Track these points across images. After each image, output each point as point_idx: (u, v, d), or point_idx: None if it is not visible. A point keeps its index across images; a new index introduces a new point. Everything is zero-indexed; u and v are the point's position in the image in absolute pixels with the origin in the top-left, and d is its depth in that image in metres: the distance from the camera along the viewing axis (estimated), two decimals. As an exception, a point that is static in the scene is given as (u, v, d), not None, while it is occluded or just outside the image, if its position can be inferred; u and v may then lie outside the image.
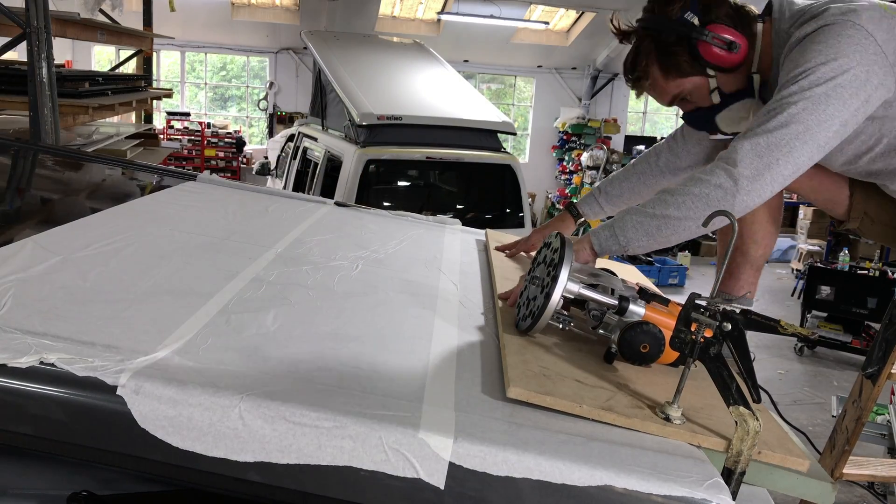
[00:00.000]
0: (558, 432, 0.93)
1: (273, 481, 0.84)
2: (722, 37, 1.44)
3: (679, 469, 0.89)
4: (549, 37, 12.80)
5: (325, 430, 0.84)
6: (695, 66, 1.49)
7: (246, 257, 1.45)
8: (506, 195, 5.27)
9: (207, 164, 12.14)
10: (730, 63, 1.47)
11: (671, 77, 1.52)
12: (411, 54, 6.59)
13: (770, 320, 1.00)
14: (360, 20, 10.44)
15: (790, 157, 1.29)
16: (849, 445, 2.22)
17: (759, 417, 0.95)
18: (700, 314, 0.99)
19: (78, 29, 4.25)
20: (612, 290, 1.21)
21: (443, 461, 0.83)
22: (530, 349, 1.15)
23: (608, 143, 12.87)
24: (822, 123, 1.28)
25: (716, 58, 1.46)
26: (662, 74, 1.52)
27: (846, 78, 1.27)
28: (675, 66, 1.50)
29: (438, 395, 0.97)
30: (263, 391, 0.88)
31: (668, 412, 1.00)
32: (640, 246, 1.39)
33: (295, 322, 1.15)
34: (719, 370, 0.99)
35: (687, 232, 1.35)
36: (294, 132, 6.89)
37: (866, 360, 2.20)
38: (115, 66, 6.98)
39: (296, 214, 1.95)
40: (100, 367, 0.87)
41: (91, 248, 1.35)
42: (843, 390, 4.75)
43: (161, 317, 1.08)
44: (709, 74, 1.50)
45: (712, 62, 1.47)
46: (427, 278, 1.53)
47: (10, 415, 0.86)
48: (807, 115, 1.28)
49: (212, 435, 0.84)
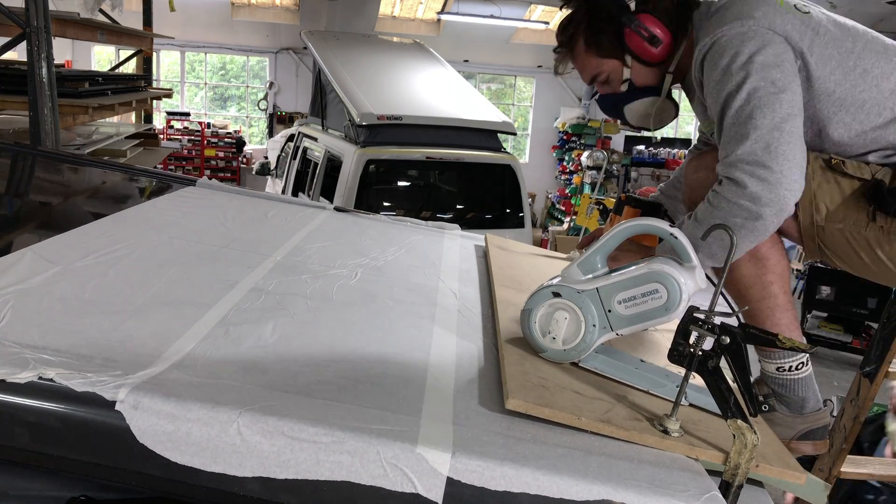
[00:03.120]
0: (556, 446, 0.93)
1: (272, 496, 0.84)
2: (647, 28, 1.45)
3: (677, 482, 0.89)
4: (550, 37, 12.78)
5: (323, 445, 0.84)
6: (616, 49, 1.50)
7: (245, 266, 1.45)
8: (506, 195, 5.27)
9: (207, 165, 12.15)
10: (648, 56, 1.48)
11: (591, 54, 1.53)
12: (411, 54, 6.59)
13: (768, 334, 1.00)
14: (360, 20, 10.43)
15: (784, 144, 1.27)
16: (846, 444, 2.23)
17: (758, 431, 0.95)
18: (698, 327, 1.00)
19: (78, 29, 4.25)
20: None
21: (441, 476, 0.83)
22: (529, 360, 1.16)
23: (608, 144, 12.87)
24: (788, 119, 1.28)
25: (636, 47, 1.47)
26: (585, 48, 1.54)
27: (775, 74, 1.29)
28: (597, 43, 1.51)
29: (436, 409, 0.97)
30: (262, 406, 0.88)
31: (666, 425, 1.00)
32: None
33: (293, 334, 1.15)
34: (717, 383, 0.99)
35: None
36: (294, 132, 6.89)
37: (864, 358, 2.21)
38: (115, 66, 6.98)
39: (295, 221, 1.95)
40: (98, 383, 0.87)
41: (90, 257, 1.35)
42: (843, 390, 4.75)
43: (160, 329, 1.08)
44: (626, 63, 1.51)
45: (633, 51, 1.48)
46: (426, 287, 1.54)
47: (9, 430, 0.87)
48: (772, 122, 1.27)
49: (210, 450, 0.84)
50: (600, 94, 1.63)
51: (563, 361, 1.17)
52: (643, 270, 1.12)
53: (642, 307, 1.13)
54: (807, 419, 1.48)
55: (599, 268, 1.20)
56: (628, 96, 1.56)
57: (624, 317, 1.14)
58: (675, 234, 1.14)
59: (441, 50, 7.12)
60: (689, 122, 14.07)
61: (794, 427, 1.48)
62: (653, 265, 1.12)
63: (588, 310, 1.15)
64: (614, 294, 1.14)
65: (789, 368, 1.45)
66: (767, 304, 1.46)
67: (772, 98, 1.28)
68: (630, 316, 1.14)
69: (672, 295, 1.10)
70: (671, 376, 1.19)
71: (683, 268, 1.13)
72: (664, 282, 1.11)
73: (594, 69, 1.55)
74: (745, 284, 1.45)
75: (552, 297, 1.18)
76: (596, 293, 1.15)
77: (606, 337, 1.16)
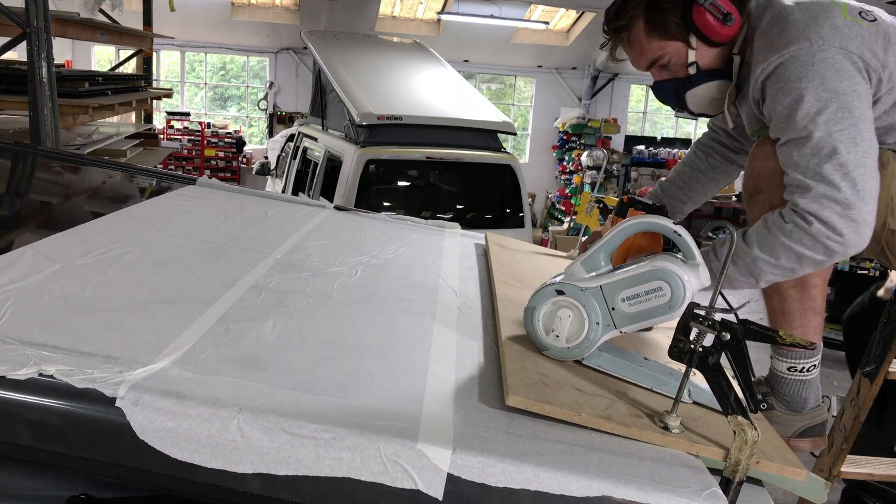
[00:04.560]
0: (557, 442, 0.93)
1: (272, 493, 0.84)
2: (720, 5, 1.37)
3: (677, 479, 0.89)
4: (549, 37, 12.79)
5: (323, 442, 0.84)
6: (681, 30, 1.41)
7: (245, 264, 1.45)
8: (506, 195, 5.27)
9: (207, 165, 12.15)
10: (720, 36, 1.40)
11: (654, 36, 1.43)
12: (411, 54, 6.59)
13: (769, 330, 1.00)
14: (360, 20, 10.44)
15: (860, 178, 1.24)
16: (846, 443, 2.23)
17: (758, 427, 0.95)
18: (699, 323, 0.99)
19: (78, 29, 4.26)
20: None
21: (441, 472, 0.83)
22: (530, 357, 1.15)
23: (608, 144, 12.87)
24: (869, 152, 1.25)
25: (707, 27, 1.38)
26: (646, 31, 1.43)
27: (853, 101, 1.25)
28: (662, 24, 1.41)
29: (437, 406, 0.97)
30: (262, 402, 0.88)
31: (666, 421, 1.00)
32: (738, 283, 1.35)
33: (293, 331, 1.15)
34: (718, 380, 0.99)
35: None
36: (294, 132, 6.89)
37: (864, 358, 2.21)
38: (115, 66, 6.98)
39: (295, 219, 1.95)
40: (99, 379, 0.87)
41: (90, 255, 1.35)
42: (843, 390, 4.75)
43: (160, 326, 1.08)
44: (691, 45, 1.42)
45: (702, 31, 1.39)
46: (426, 284, 1.54)
47: (10, 426, 0.87)
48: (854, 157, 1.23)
49: (210, 446, 0.84)
50: (656, 81, 1.53)
51: (567, 359, 1.17)
52: (647, 268, 1.12)
53: (646, 305, 1.13)
54: (805, 417, 1.47)
55: (603, 265, 1.20)
56: (693, 81, 1.46)
57: (627, 314, 1.14)
58: (679, 231, 1.14)
59: (441, 50, 7.13)
60: (689, 121, 14.06)
61: (793, 425, 1.47)
62: (656, 263, 1.12)
63: (591, 307, 1.15)
64: (618, 292, 1.14)
65: (801, 370, 1.44)
66: (803, 305, 1.44)
67: (852, 130, 1.24)
68: (634, 314, 1.14)
69: (676, 292, 1.10)
70: (675, 374, 1.19)
71: (687, 265, 1.12)
72: (668, 279, 1.11)
73: (655, 53, 1.45)
74: (789, 283, 1.41)
75: (555, 294, 1.18)
76: (599, 291, 1.15)
77: (610, 335, 1.16)
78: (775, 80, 1.31)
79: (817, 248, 1.25)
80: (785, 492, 1.09)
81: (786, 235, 1.27)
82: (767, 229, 1.29)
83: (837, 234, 1.24)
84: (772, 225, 1.29)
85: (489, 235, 2.00)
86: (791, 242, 1.26)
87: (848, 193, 1.23)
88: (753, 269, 1.31)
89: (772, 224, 1.29)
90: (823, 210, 1.24)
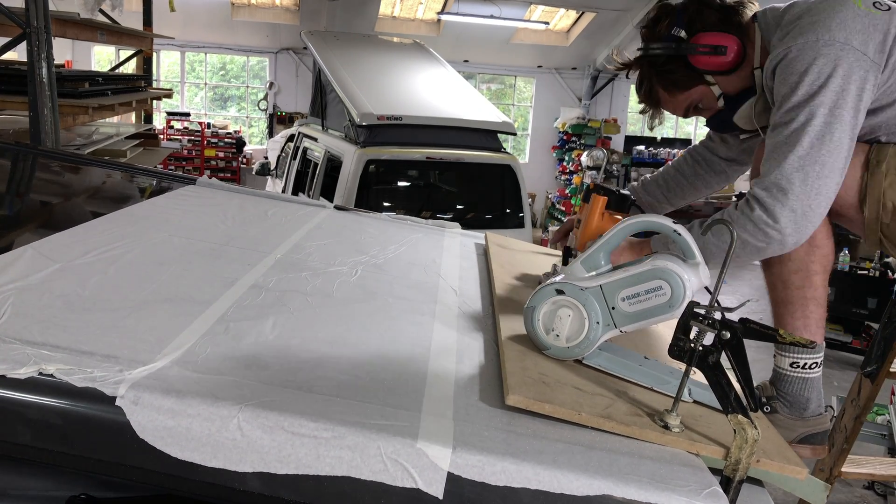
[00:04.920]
0: (557, 441, 0.93)
1: (272, 492, 0.84)
2: (706, 44, 1.44)
3: (677, 478, 0.89)
4: (549, 37, 12.79)
5: (323, 441, 0.84)
6: (693, 77, 1.50)
7: (245, 263, 1.45)
8: (506, 195, 5.27)
9: (207, 165, 12.14)
10: (725, 66, 1.47)
11: (675, 93, 1.53)
12: (411, 54, 6.59)
13: (769, 329, 1.00)
14: (360, 20, 10.44)
15: (821, 183, 1.28)
16: (847, 444, 2.23)
17: (758, 426, 0.95)
18: (699, 322, 0.99)
19: (78, 29, 4.26)
20: None
21: (441, 471, 0.83)
22: (530, 356, 1.15)
23: (608, 144, 12.87)
24: (834, 151, 1.28)
25: (709, 65, 1.46)
26: (667, 93, 1.54)
27: (837, 100, 1.28)
28: (673, 83, 1.52)
29: (437, 404, 0.97)
30: (262, 401, 0.88)
31: (666, 420, 1.00)
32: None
33: (293, 330, 1.15)
34: (718, 378, 0.99)
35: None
36: (294, 132, 6.89)
37: (865, 358, 2.21)
38: (115, 66, 6.99)
39: (295, 219, 1.95)
40: (99, 378, 0.87)
41: (90, 255, 1.35)
42: (844, 390, 4.75)
43: (160, 325, 1.08)
44: (709, 82, 1.50)
45: (708, 70, 1.47)
46: (426, 284, 1.54)
47: (9, 425, 0.87)
48: (815, 152, 1.27)
49: (210, 445, 0.84)
50: (707, 120, 1.62)
51: (567, 359, 1.17)
52: (647, 267, 1.12)
53: (646, 304, 1.13)
54: (808, 423, 1.48)
55: (603, 265, 1.20)
56: (732, 107, 1.53)
57: (628, 314, 1.14)
58: (679, 230, 1.14)
59: (441, 50, 7.12)
60: (689, 121, 14.07)
61: (795, 430, 1.47)
62: (657, 262, 1.12)
63: (591, 307, 1.15)
64: (618, 291, 1.14)
65: (803, 366, 1.46)
66: (804, 294, 1.46)
67: (827, 128, 1.28)
68: (634, 313, 1.14)
69: (676, 292, 1.10)
70: (675, 373, 1.19)
71: (687, 264, 1.12)
72: (668, 279, 1.11)
73: (684, 103, 1.55)
74: (791, 269, 1.45)
75: (555, 294, 1.18)
76: (599, 290, 1.15)
77: (610, 334, 1.16)
78: (780, 70, 1.35)
79: (757, 234, 1.30)
80: (785, 492, 1.09)
81: (732, 219, 1.32)
82: (721, 215, 1.34)
83: (775, 222, 1.28)
84: (724, 213, 1.36)
85: (489, 235, 2.00)
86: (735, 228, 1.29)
87: (797, 185, 1.27)
88: (705, 250, 1.33)
89: (724, 212, 1.36)
90: (769, 198, 1.29)
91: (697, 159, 1.81)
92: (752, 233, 1.30)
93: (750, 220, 1.30)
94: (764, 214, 1.29)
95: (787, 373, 1.47)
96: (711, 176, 1.80)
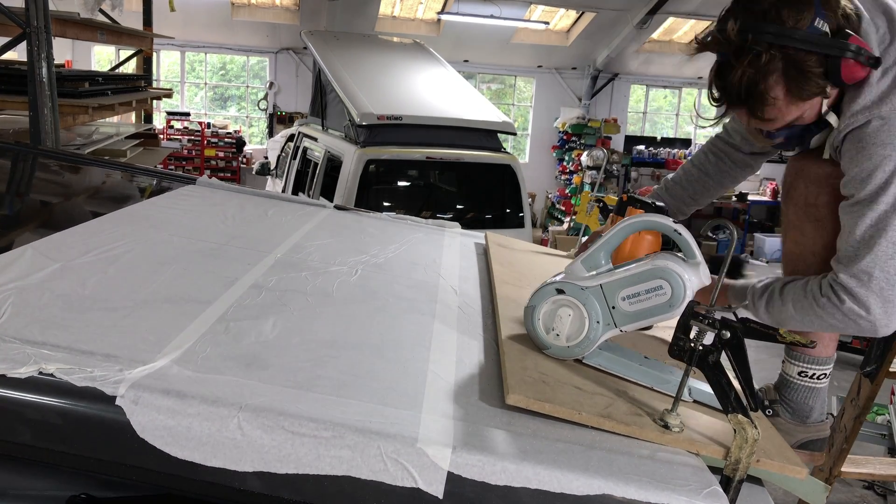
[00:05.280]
0: (557, 441, 0.93)
1: (272, 491, 0.84)
2: (866, 51, 1.19)
3: (677, 477, 0.89)
4: (549, 37, 12.79)
5: (323, 440, 0.84)
6: (821, 86, 1.23)
7: (245, 263, 1.45)
8: (506, 195, 5.27)
9: (207, 165, 12.14)
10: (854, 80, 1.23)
11: (797, 100, 1.24)
12: (411, 54, 6.59)
13: (769, 328, 1.00)
14: (360, 20, 10.44)
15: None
16: (847, 444, 2.23)
17: (758, 426, 0.95)
18: (699, 322, 0.99)
19: (78, 29, 4.26)
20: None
21: (441, 471, 0.83)
22: (530, 356, 1.15)
23: (608, 144, 12.87)
24: None
25: (852, 74, 1.21)
26: (787, 97, 1.24)
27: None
28: (806, 87, 1.23)
29: (437, 404, 0.97)
30: (262, 401, 0.88)
31: (666, 420, 1.00)
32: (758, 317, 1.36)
33: (293, 330, 1.15)
34: (718, 378, 0.99)
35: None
36: (294, 132, 6.89)
37: (864, 358, 2.21)
38: (115, 66, 6.99)
39: (295, 218, 1.95)
40: (99, 377, 0.87)
41: (90, 254, 1.35)
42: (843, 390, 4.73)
43: (160, 325, 1.08)
44: (826, 94, 1.26)
45: (844, 80, 1.22)
46: (426, 283, 1.53)
47: (10, 425, 0.87)
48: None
49: (210, 445, 0.84)
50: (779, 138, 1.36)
51: (567, 358, 1.17)
52: (647, 267, 1.12)
53: (646, 303, 1.13)
54: (808, 429, 1.47)
55: (603, 264, 1.20)
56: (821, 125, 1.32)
57: (628, 313, 1.14)
58: (679, 230, 1.14)
59: (441, 50, 7.12)
60: (689, 121, 14.09)
61: (795, 435, 1.47)
62: (657, 261, 1.12)
63: (592, 306, 1.15)
64: (618, 290, 1.14)
65: (811, 376, 1.44)
66: None
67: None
68: (634, 312, 1.14)
69: (676, 291, 1.10)
70: (675, 373, 1.19)
71: (687, 264, 1.12)
72: (668, 278, 1.11)
73: (794, 114, 1.27)
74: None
75: (556, 293, 1.18)
76: (600, 290, 1.15)
77: (610, 333, 1.16)
78: (859, 139, 1.24)
79: (848, 324, 1.25)
80: (785, 492, 1.09)
81: (820, 307, 1.27)
82: (805, 294, 1.29)
83: (868, 313, 1.23)
84: (809, 293, 1.29)
85: (489, 235, 1.99)
86: (824, 315, 1.27)
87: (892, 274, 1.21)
88: (782, 321, 1.33)
89: (809, 292, 1.29)
90: (860, 287, 1.22)
91: (720, 155, 1.71)
92: (842, 322, 1.25)
93: (840, 312, 1.24)
94: (856, 307, 1.23)
95: (794, 380, 1.46)
96: (737, 170, 1.70)
